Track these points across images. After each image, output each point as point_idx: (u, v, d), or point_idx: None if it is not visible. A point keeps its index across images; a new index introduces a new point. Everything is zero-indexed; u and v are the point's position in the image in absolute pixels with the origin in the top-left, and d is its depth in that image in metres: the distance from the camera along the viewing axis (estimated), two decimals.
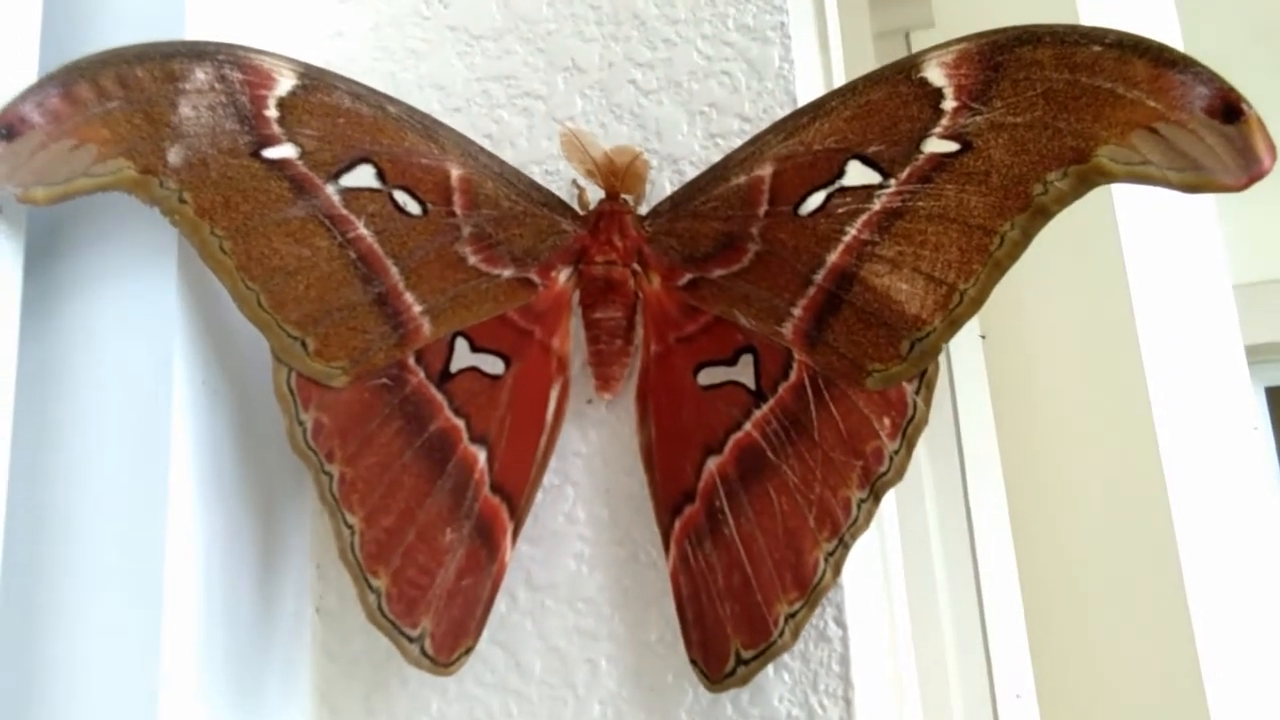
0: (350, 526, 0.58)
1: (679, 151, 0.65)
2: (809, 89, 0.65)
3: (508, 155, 0.68)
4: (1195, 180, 0.52)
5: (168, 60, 0.56)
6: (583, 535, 0.64)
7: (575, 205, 0.63)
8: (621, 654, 0.62)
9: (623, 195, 0.61)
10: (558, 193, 0.63)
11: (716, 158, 0.64)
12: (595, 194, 0.62)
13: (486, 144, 0.68)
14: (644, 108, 0.66)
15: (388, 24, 0.72)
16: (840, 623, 0.59)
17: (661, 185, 0.65)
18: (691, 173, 0.65)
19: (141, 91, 0.55)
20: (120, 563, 0.57)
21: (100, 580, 0.57)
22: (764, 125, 0.64)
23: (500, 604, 0.62)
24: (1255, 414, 0.94)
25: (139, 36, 0.58)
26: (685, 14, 0.66)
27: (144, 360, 0.58)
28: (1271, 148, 0.51)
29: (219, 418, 0.61)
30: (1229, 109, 0.51)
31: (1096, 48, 0.53)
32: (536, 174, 0.67)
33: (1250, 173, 0.51)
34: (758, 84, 0.65)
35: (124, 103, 0.55)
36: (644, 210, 0.63)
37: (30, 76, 0.56)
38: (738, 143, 0.64)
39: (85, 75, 0.55)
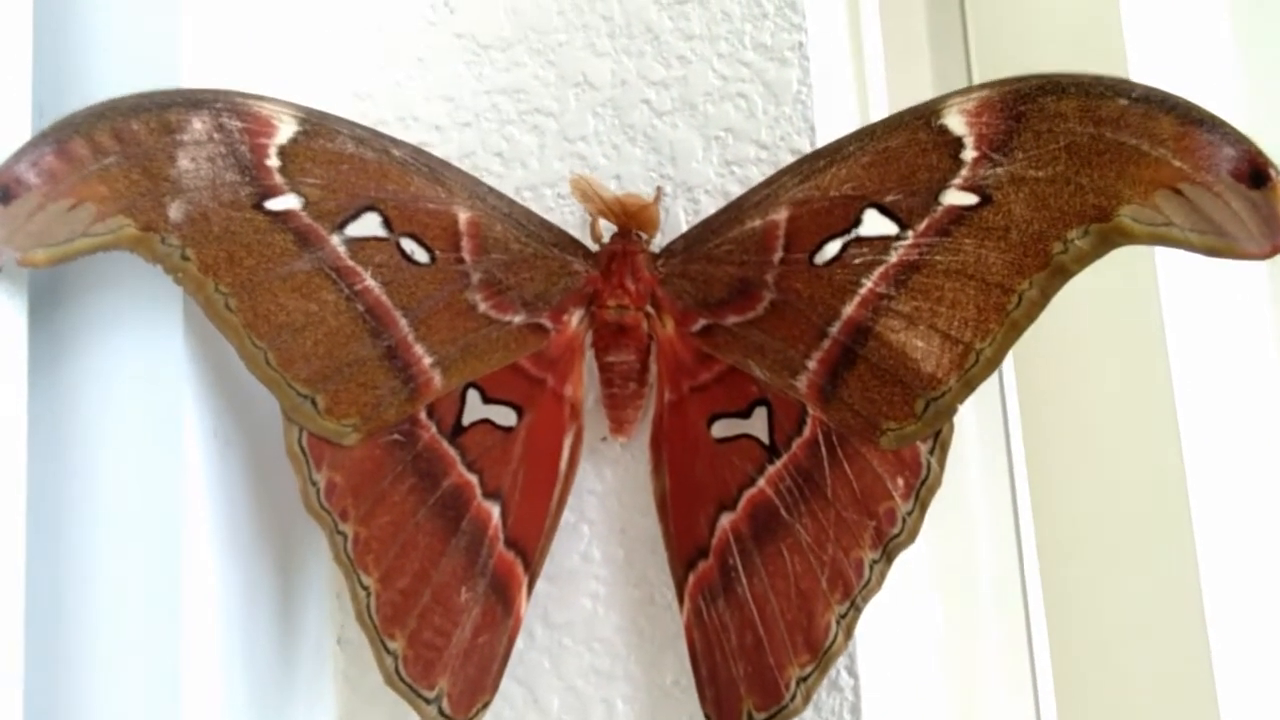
0: (366, 588, 0.58)
1: (694, 179, 0.64)
2: (829, 115, 0.63)
3: (519, 175, 0.66)
4: (1218, 245, 0.50)
5: (164, 111, 0.54)
6: (598, 575, 0.64)
7: (588, 235, 0.62)
8: (637, 695, 0.63)
9: (635, 233, 0.60)
10: (571, 215, 0.62)
11: (732, 186, 0.63)
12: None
13: (497, 162, 0.67)
14: (658, 130, 0.64)
15: (393, 28, 0.70)
16: (852, 672, 0.59)
17: (676, 214, 0.64)
18: (706, 201, 0.63)
19: (138, 145, 0.54)
20: (137, 610, 0.57)
21: (118, 627, 0.57)
22: (781, 152, 0.63)
23: (519, 640, 0.62)
24: None
25: (132, 57, 0.57)
26: (700, 29, 0.64)
27: (154, 412, 0.58)
28: None
29: (231, 465, 0.61)
30: (1256, 173, 0.49)
31: (1123, 101, 0.51)
32: (549, 196, 0.66)
33: (1275, 242, 0.49)
34: (775, 109, 0.63)
35: (121, 158, 0.54)
36: (658, 242, 0.62)
37: (23, 126, 0.56)
38: (754, 170, 0.63)
39: (80, 131, 0.53)
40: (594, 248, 0.61)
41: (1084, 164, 0.51)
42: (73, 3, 0.61)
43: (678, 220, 0.64)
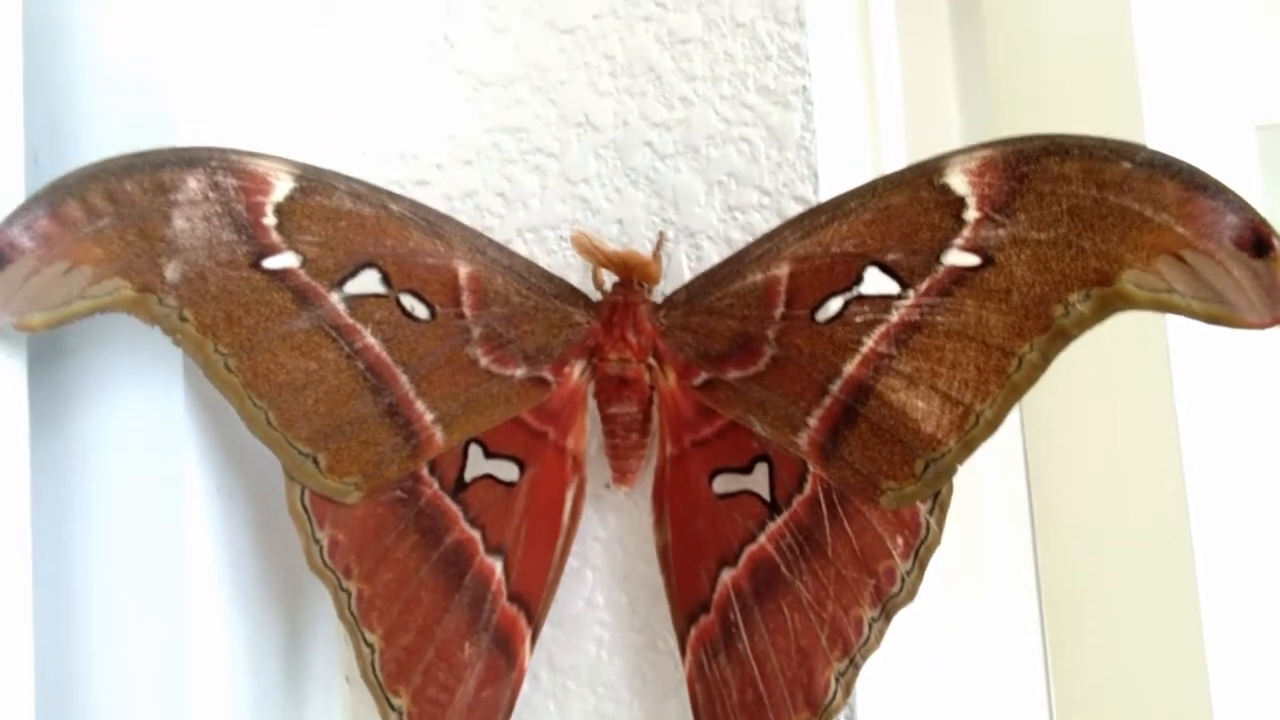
0: (370, 645, 0.58)
1: (696, 225, 0.63)
2: (833, 161, 0.62)
3: (520, 217, 0.66)
4: (1219, 313, 0.50)
5: (157, 170, 0.54)
6: (602, 620, 0.64)
7: (589, 279, 0.61)
8: None
9: (637, 282, 0.60)
10: (574, 256, 0.62)
11: (735, 232, 0.63)
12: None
13: (499, 202, 0.67)
14: (660, 173, 0.64)
15: (391, 62, 0.69)
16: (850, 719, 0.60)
17: (678, 259, 0.63)
18: (709, 247, 0.63)
19: (133, 206, 0.54)
20: (143, 666, 0.58)
21: (126, 681, 0.58)
22: (784, 199, 0.62)
23: (524, 684, 0.62)
24: None
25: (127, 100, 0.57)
26: (703, 70, 0.63)
27: (157, 468, 0.58)
28: None
29: (236, 519, 0.61)
30: (1259, 242, 0.48)
31: (1126, 165, 0.50)
32: (550, 239, 0.65)
33: (1275, 313, 0.49)
34: (778, 154, 0.62)
35: (115, 219, 0.54)
36: (660, 287, 0.61)
37: (16, 172, 0.55)
38: (756, 217, 0.62)
39: (73, 193, 0.53)
40: (596, 296, 0.61)
41: (1086, 227, 0.51)
42: (65, 47, 0.61)
43: (680, 266, 0.63)
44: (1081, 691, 0.79)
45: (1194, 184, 0.49)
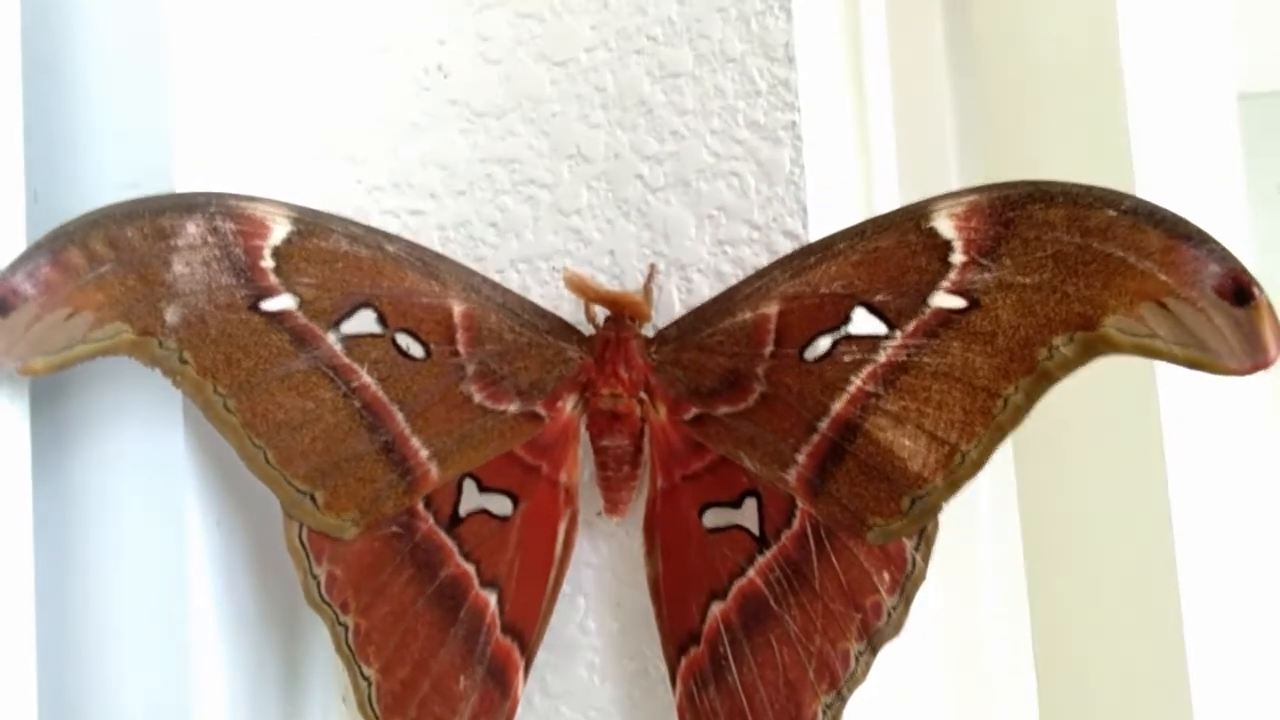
0: (367, 679, 0.59)
1: (687, 258, 0.64)
2: (822, 197, 0.63)
3: (514, 247, 0.67)
4: (1200, 359, 0.51)
5: (157, 217, 0.55)
6: (594, 646, 0.65)
7: (583, 317, 0.62)
8: None
9: (628, 318, 0.61)
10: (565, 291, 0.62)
11: (725, 266, 0.64)
12: None
13: (492, 233, 0.68)
14: (651, 206, 0.65)
15: (386, 92, 0.70)
16: None
17: (669, 292, 0.64)
18: (699, 280, 0.64)
19: (133, 252, 0.55)
20: (146, 694, 0.59)
21: (127, 708, 0.60)
22: (773, 234, 0.63)
23: (518, 707, 0.64)
24: None
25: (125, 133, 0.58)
26: (694, 104, 0.64)
27: (157, 504, 0.60)
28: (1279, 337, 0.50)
29: (234, 551, 0.63)
30: (1240, 291, 0.50)
31: (1111, 212, 0.51)
32: (543, 270, 0.66)
33: (1255, 360, 0.50)
34: (768, 189, 0.63)
35: (116, 265, 0.55)
36: (652, 324, 0.62)
37: (17, 212, 0.56)
38: (746, 251, 0.63)
39: (74, 240, 0.54)
40: (588, 330, 0.62)
41: (1071, 273, 0.52)
42: (65, 87, 0.62)
43: (671, 298, 0.64)
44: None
45: (1177, 233, 0.50)
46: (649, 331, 0.62)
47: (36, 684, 0.56)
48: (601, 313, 0.62)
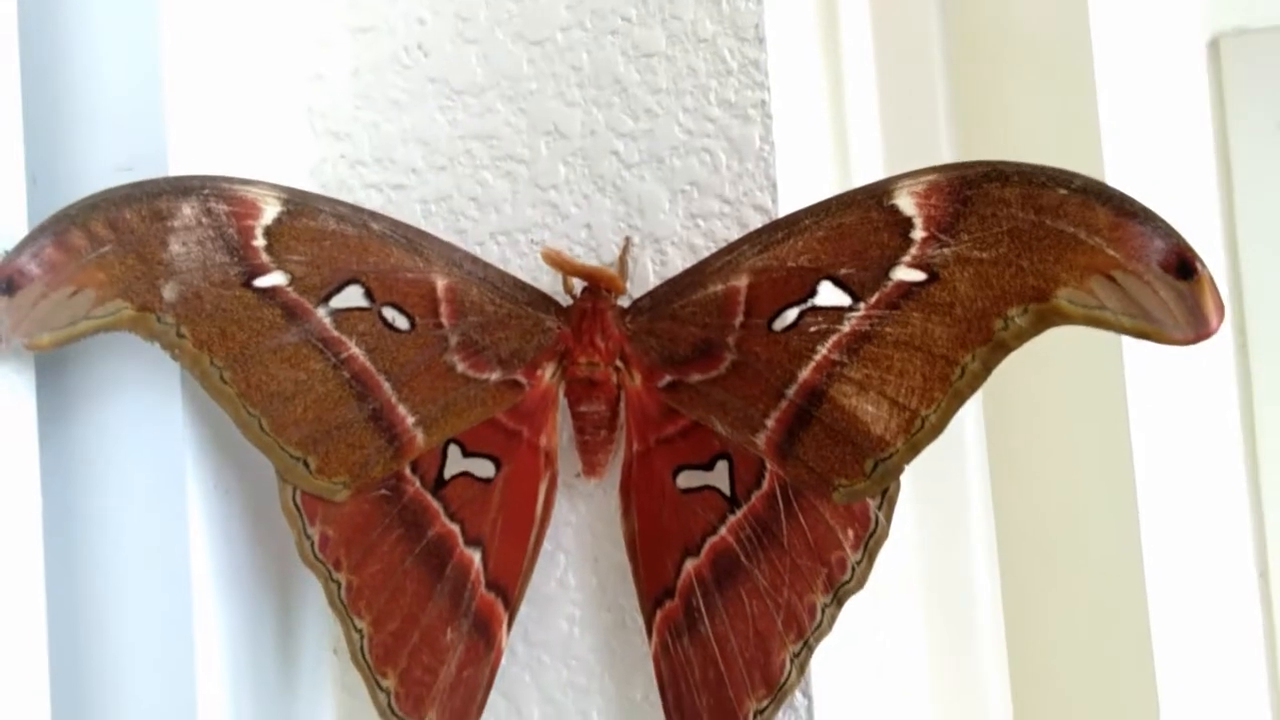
0: (359, 631, 0.62)
1: (660, 231, 0.67)
2: (792, 173, 0.66)
3: (493, 220, 0.70)
4: (1146, 330, 0.54)
5: (154, 200, 0.58)
6: (574, 600, 0.69)
7: (561, 289, 0.65)
8: (610, 708, 0.68)
9: (604, 289, 0.63)
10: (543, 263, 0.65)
11: (697, 239, 0.66)
12: None
13: (472, 206, 0.70)
14: (626, 181, 0.67)
15: (368, 70, 0.72)
16: (805, 693, 0.64)
17: (644, 264, 0.67)
18: (673, 253, 0.66)
19: (132, 233, 0.57)
20: (150, 648, 0.63)
21: (134, 662, 0.63)
22: (744, 208, 0.66)
23: (503, 657, 0.67)
24: None
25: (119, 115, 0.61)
26: (666, 83, 0.66)
27: (158, 467, 0.63)
28: (1221, 309, 0.53)
29: (232, 511, 0.66)
30: (1184, 265, 0.53)
31: (1062, 191, 0.54)
32: (522, 242, 0.69)
33: (1198, 331, 0.53)
34: (738, 165, 0.65)
35: (116, 245, 0.57)
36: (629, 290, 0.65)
37: (18, 195, 0.59)
38: (718, 224, 0.66)
39: (76, 222, 0.57)
40: (566, 301, 0.64)
41: (1025, 248, 0.55)
42: (60, 74, 0.64)
43: (645, 270, 0.67)
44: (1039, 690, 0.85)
45: (1124, 210, 0.53)
46: (624, 302, 0.64)
47: (48, 636, 0.59)
48: (579, 284, 0.64)
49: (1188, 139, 1.01)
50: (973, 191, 0.55)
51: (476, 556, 0.64)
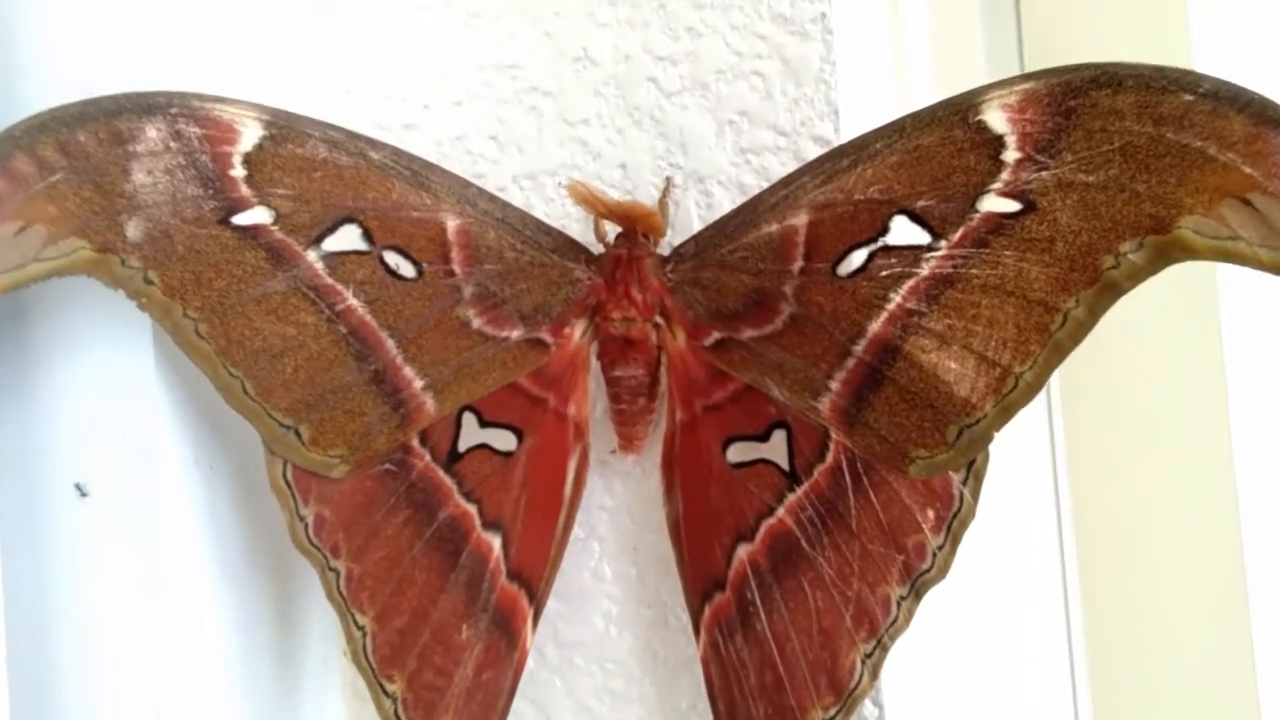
0: (361, 628, 0.55)
1: (706, 169, 0.59)
2: (855, 98, 0.58)
3: (515, 162, 0.62)
4: None
5: (113, 119, 0.51)
6: (610, 594, 0.61)
7: (592, 236, 0.57)
8: (652, 718, 0.61)
9: (641, 234, 0.55)
10: (574, 205, 0.57)
11: (748, 177, 0.59)
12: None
13: (492, 146, 0.63)
14: (666, 112, 0.59)
15: None
16: (877, 701, 0.56)
17: (687, 207, 0.59)
18: (720, 193, 0.58)
19: (87, 159, 0.50)
20: (122, 649, 0.55)
21: (99, 659, 0.56)
22: (802, 139, 0.58)
23: (529, 659, 0.59)
24: None
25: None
26: None
27: (127, 443, 0.55)
28: None
29: (217, 492, 0.58)
30: None
31: (1187, 97, 0.46)
32: (549, 186, 0.61)
33: None
34: (795, 89, 0.57)
35: (69, 173, 0.50)
36: (668, 237, 0.57)
37: None
38: (772, 160, 0.58)
39: (21, 145, 0.50)
40: (598, 249, 0.56)
41: (1141, 168, 0.46)
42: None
43: (689, 214, 0.59)
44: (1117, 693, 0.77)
45: (1265, 117, 0.45)
46: (664, 249, 0.57)
47: (7, 638, 0.52)
48: (612, 230, 0.57)
49: None
50: (1077, 101, 0.47)
51: (496, 542, 0.57)
